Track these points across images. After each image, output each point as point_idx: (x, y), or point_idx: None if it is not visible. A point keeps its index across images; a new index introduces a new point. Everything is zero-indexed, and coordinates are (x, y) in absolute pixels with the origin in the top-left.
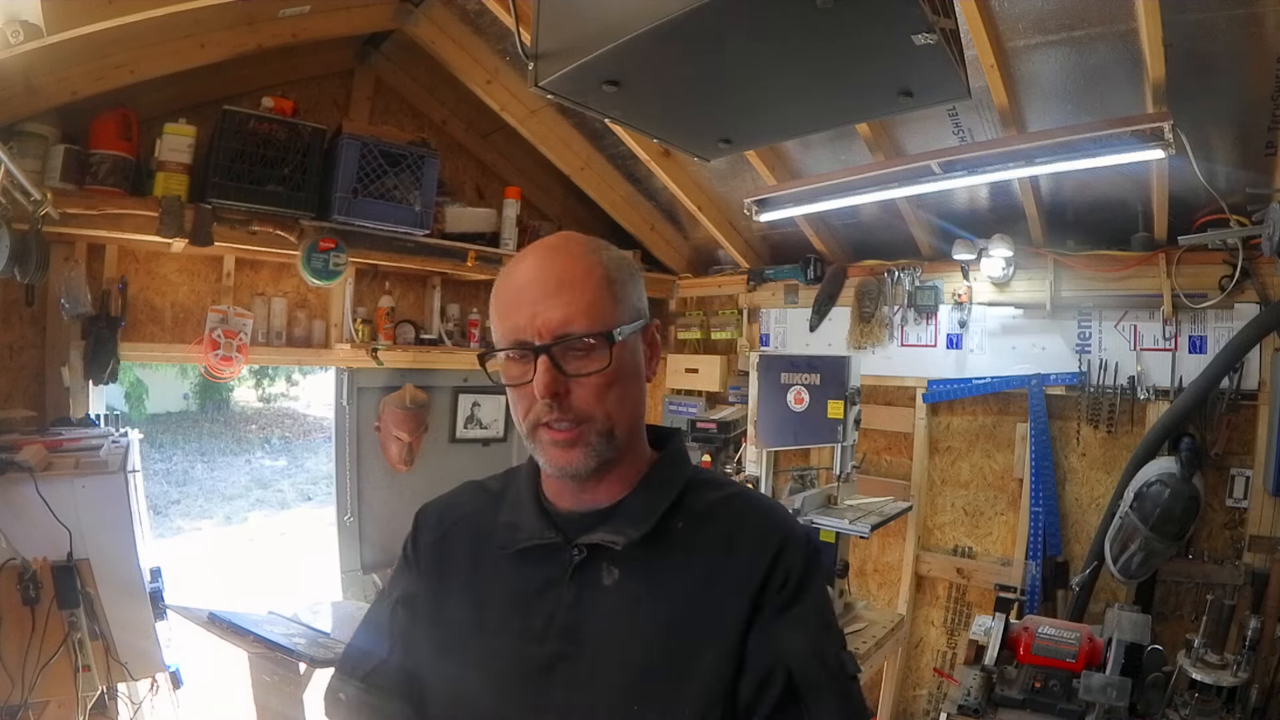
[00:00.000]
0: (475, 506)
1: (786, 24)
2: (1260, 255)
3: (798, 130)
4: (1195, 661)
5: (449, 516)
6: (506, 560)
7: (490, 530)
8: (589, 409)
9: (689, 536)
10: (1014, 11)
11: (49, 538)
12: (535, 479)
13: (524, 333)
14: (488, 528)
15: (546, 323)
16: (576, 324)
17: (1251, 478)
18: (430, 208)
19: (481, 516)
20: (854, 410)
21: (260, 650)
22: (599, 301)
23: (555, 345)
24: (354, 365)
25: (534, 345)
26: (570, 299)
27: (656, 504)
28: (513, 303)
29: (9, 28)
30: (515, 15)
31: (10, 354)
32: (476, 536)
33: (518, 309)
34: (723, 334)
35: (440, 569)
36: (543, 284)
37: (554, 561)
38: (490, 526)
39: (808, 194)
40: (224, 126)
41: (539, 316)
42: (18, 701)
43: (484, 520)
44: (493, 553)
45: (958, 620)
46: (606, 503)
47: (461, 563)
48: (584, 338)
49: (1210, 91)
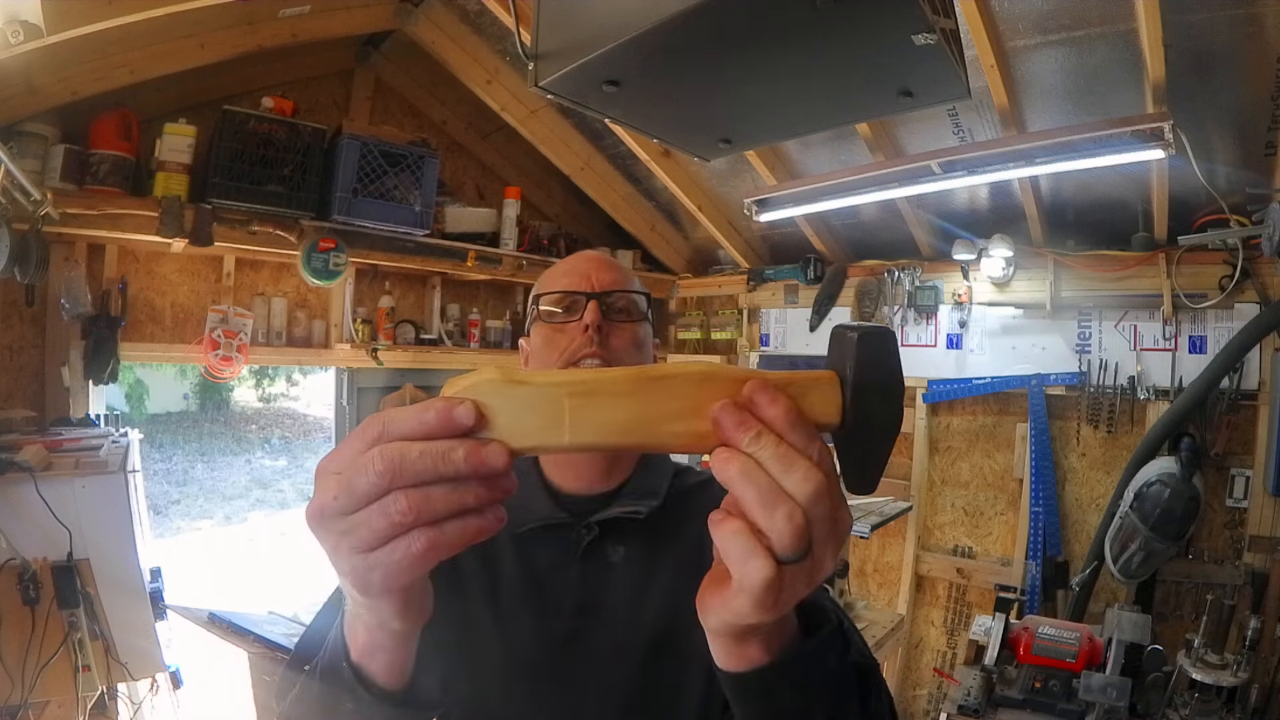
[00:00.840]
0: None
1: (786, 24)
2: (1260, 255)
3: (798, 130)
4: (1195, 661)
5: None
6: (514, 542)
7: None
8: (622, 352)
9: (681, 513)
10: (1014, 11)
11: (49, 538)
12: (536, 465)
13: (578, 286)
14: None
15: (600, 280)
16: (626, 284)
17: (1251, 478)
18: (430, 208)
19: None
20: None
21: (260, 650)
22: (636, 286)
23: (606, 295)
24: (354, 365)
25: (588, 292)
26: (619, 274)
27: (659, 481)
28: (569, 270)
29: (9, 28)
30: (515, 15)
31: (10, 354)
32: None
33: (573, 272)
34: (723, 334)
35: None
36: (596, 261)
37: (561, 542)
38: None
39: (808, 194)
40: (224, 126)
41: (594, 275)
42: (18, 701)
43: None
44: (501, 534)
45: (958, 620)
46: (607, 486)
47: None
48: (630, 293)
49: (1210, 91)
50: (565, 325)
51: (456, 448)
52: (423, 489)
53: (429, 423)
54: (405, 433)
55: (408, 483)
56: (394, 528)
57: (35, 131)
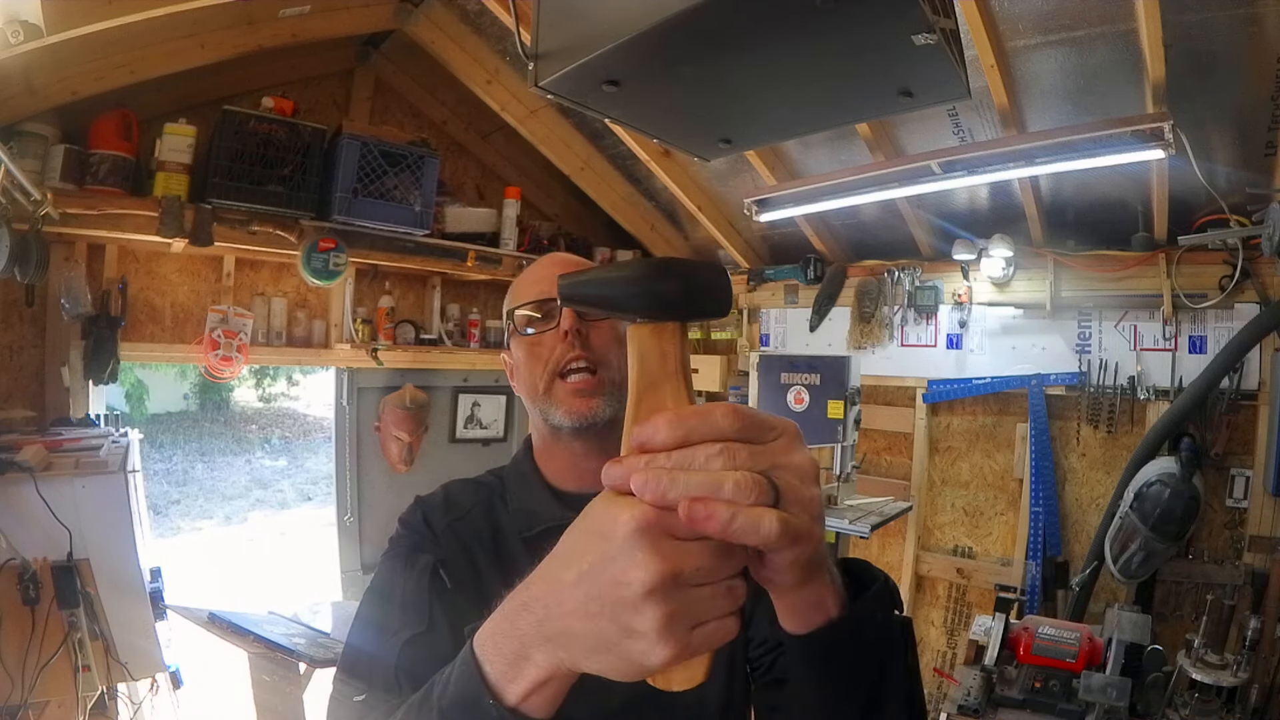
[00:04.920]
0: (478, 499)
1: (786, 23)
2: (1260, 255)
3: (798, 130)
4: (1195, 661)
5: (455, 508)
6: (525, 546)
7: (504, 519)
8: (605, 351)
9: None
10: (1014, 11)
11: (49, 538)
12: (536, 468)
13: (548, 293)
14: (500, 516)
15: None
16: None
17: (1251, 478)
18: (430, 208)
19: (491, 506)
20: (854, 410)
21: (260, 650)
22: None
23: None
24: (354, 365)
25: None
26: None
27: None
28: (539, 277)
29: (9, 28)
30: (515, 15)
31: (10, 354)
32: (492, 525)
33: (541, 279)
34: (723, 334)
35: (466, 548)
36: (560, 263)
37: None
38: (502, 515)
39: (808, 194)
40: (224, 126)
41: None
42: (18, 701)
43: (494, 510)
44: (511, 539)
45: (958, 620)
46: None
47: (485, 546)
48: None
49: (1210, 91)
50: (543, 335)
51: (767, 517)
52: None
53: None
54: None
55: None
56: (731, 604)
57: (35, 131)
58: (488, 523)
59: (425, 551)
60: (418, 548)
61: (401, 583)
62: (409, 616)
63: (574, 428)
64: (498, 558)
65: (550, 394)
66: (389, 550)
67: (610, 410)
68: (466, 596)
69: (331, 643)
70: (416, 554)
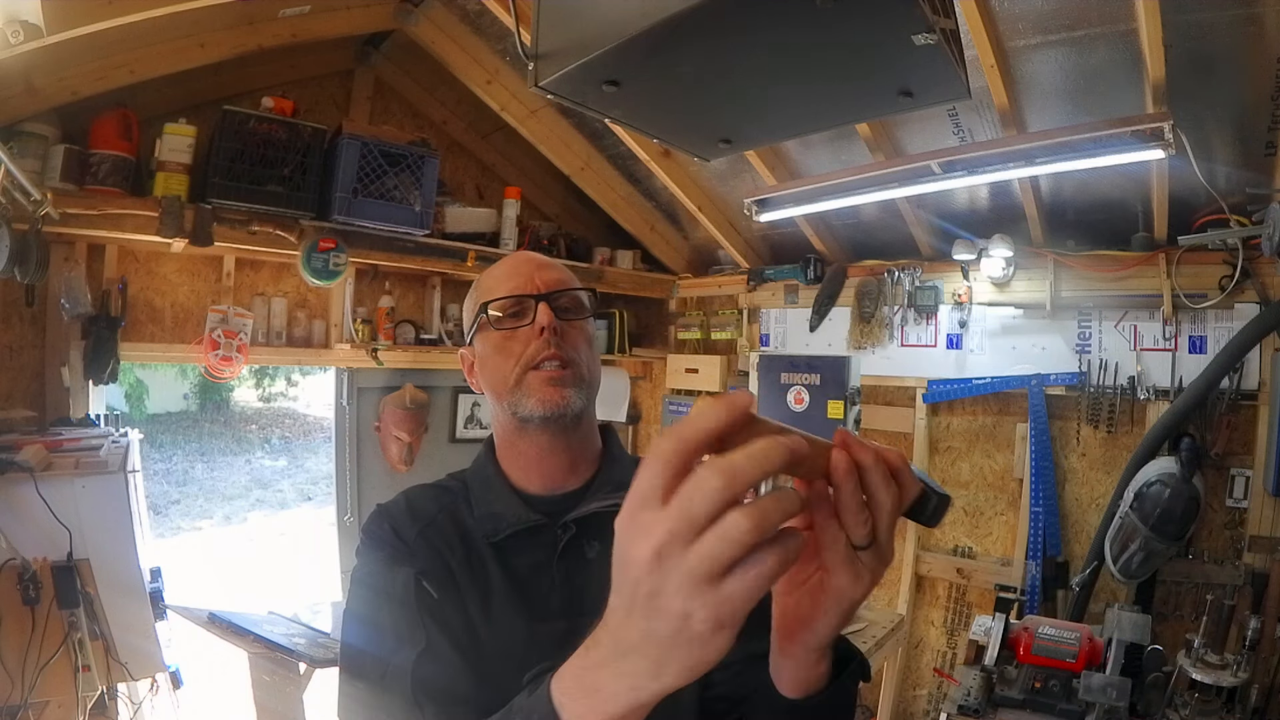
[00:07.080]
0: (442, 504)
1: (786, 23)
2: (1260, 255)
3: (798, 130)
4: (1195, 661)
5: (419, 515)
6: (493, 549)
7: (470, 523)
8: (576, 350)
9: None
10: (1014, 11)
11: (49, 538)
12: (500, 471)
13: (523, 289)
14: (466, 521)
15: (545, 280)
16: (569, 283)
17: (1251, 478)
18: (430, 208)
19: (456, 511)
20: (854, 410)
21: (260, 650)
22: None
23: (553, 295)
24: (354, 365)
25: (535, 295)
26: (562, 273)
27: (626, 473)
28: (510, 272)
29: (9, 28)
30: (515, 15)
31: (10, 354)
32: (458, 530)
33: (516, 275)
34: (723, 334)
35: (439, 555)
36: (536, 261)
37: (537, 544)
38: (468, 520)
39: (808, 194)
40: (224, 126)
41: (537, 276)
42: (18, 701)
43: (459, 515)
44: (479, 544)
45: (958, 620)
46: (577, 484)
47: (456, 552)
48: (576, 290)
49: (1210, 91)
50: (517, 330)
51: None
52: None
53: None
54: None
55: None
56: (741, 548)
57: (35, 131)
58: (455, 528)
59: (402, 564)
60: (393, 560)
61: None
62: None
63: (544, 416)
64: (468, 563)
65: (522, 384)
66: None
67: (580, 403)
68: (451, 605)
69: (331, 643)
70: (395, 566)
